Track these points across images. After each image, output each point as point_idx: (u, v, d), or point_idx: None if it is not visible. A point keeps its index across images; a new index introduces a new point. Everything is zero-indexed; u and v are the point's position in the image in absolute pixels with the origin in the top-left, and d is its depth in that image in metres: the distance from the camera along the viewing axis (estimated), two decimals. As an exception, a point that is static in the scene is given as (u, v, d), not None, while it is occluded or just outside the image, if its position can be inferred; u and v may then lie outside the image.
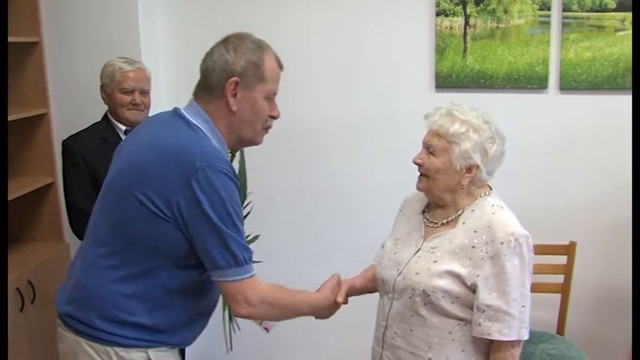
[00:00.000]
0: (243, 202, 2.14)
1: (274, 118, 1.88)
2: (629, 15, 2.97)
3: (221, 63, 1.78)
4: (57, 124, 3.20)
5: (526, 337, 1.82)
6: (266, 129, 1.88)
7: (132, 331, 1.75)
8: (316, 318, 2.05)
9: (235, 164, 2.36)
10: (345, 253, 3.26)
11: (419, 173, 1.95)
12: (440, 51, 3.13)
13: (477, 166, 1.88)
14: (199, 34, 3.24)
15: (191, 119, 1.78)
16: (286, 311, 1.89)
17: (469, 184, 1.90)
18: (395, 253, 2.00)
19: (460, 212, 1.92)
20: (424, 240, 1.95)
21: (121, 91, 2.71)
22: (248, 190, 2.90)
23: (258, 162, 3.09)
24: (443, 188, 1.91)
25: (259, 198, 3.12)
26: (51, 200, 3.23)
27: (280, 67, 1.87)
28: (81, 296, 1.79)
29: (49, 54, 3.16)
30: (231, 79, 1.77)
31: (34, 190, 3.07)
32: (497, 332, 1.79)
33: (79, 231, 2.71)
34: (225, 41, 1.82)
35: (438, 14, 3.10)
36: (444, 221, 1.94)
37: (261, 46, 1.83)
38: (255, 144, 1.91)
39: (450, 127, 1.86)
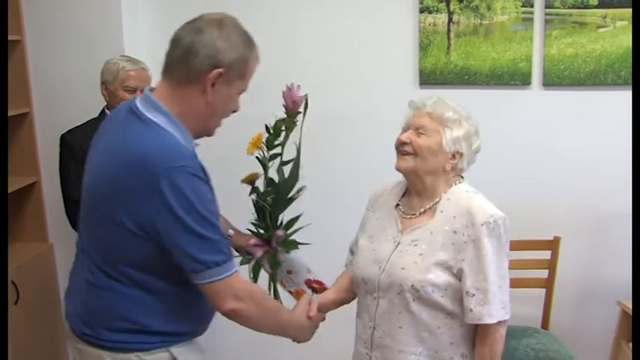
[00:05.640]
0: (295, 183, 2.11)
1: (235, 112, 1.82)
2: (611, 12, 2.99)
3: (210, 48, 1.67)
4: (40, 123, 3.18)
5: (507, 317, 1.85)
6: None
7: (149, 337, 1.73)
8: (294, 340, 2.02)
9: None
10: (327, 247, 3.26)
11: (402, 152, 1.93)
12: (424, 47, 3.14)
13: (461, 154, 1.92)
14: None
15: (148, 114, 1.68)
16: (269, 316, 1.85)
17: (450, 170, 1.93)
18: (373, 250, 1.98)
19: (437, 200, 1.93)
20: (402, 233, 1.95)
21: (124, 88, 2.77)
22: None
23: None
24: (429, 170, 1.91)
25: (246, 192, 3.11)
26: (35, 200, 3.20)
27: (258, 62, 1.81)
28: (90, 317, 1.77)
29: (31, 52, 3.13)
30: (217, 70, 1.67)
31: (18, 189, 3.05)
32: (488, 315, 1.81)
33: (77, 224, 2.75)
34: (220, 25, 1.71)
35: (421, 11, 3.11)
36: (421, 210, 1.95)
37: (250, 41, 1.76)
38: (210, 135, 1.83)
39: (445, 112, 1.91)
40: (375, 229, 2.03)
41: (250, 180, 2.13)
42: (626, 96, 2.67)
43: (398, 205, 2.02)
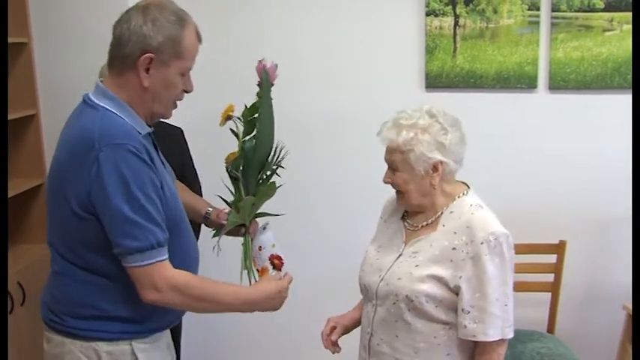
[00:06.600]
0: (268, 149, 2.08)
1: (187, 92, 1.82)
2: (617, 15, 2.99)
3: (137, 34, 1.69)
4: (46, 125, 3.19)
5: (510, 336, 1.82)
6: (176, 102, 1.84)
7: (110, 324, 1.76)
8: (262, 310, 1.92)
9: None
10: (328, 248, 3.27)
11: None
12: (430, 51, 3.14)
13: (441, 162, 1.86)
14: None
15: (97, 102, 1.73)
16: (204, 302, 1.79)
17: (441, 181, 1.89)
18: (377, 259, 1.99)
19: (439, 213, 1.91)
20: (405, 245, 1.94)
21: None
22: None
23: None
24: (418, 196, 1.90)
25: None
26: (40, 202, 3.20)
27: (200, 41, 1.81)
28: (54, 304, 1.83)
29: (38, 54, 3.14)
30: (146, 56, 1.69)
31: (24, 191, 3.06)
32: (482, 334, 1.79)
33: None
34: (145, 10, 1.72)
35: (427, 14, 3.11)
36: (424, 223, 1.93)
37: (182, 20, 1.75)
38: (166, 117, 1.85)
39: (398, 138, 1.86)
40: (385, 239, 2.03)
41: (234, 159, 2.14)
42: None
43: (404, 216, 2.02)
